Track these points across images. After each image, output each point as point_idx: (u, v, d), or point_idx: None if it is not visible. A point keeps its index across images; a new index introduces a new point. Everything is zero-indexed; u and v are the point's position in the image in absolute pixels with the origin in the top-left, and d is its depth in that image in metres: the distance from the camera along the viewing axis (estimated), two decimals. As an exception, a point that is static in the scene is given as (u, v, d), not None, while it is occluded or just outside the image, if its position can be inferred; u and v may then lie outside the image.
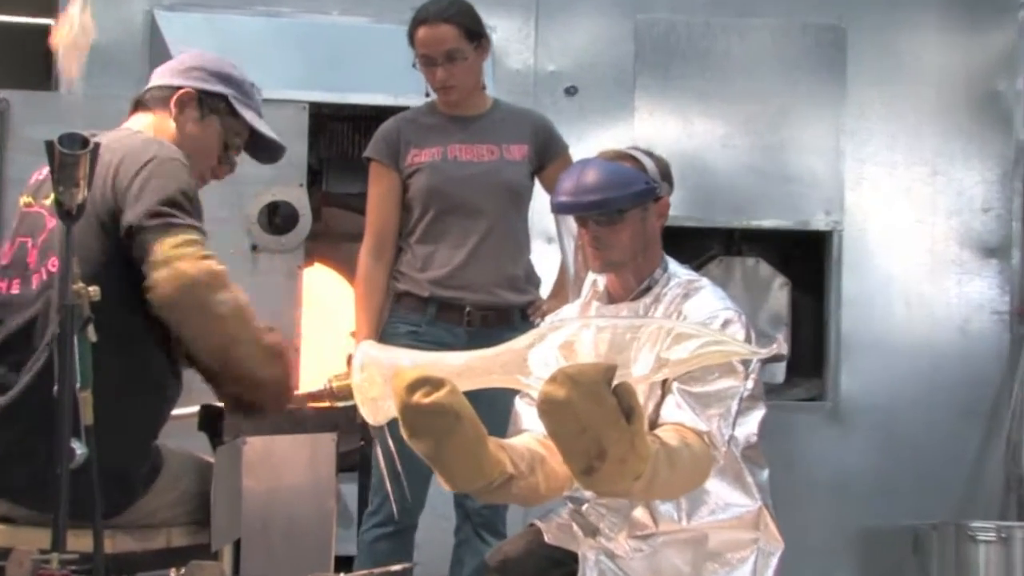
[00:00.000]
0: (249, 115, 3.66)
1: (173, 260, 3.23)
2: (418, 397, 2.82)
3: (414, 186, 4.67)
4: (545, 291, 4.86)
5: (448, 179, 4.64)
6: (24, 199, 3.59)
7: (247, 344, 3.34)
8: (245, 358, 3.35)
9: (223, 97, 3.63)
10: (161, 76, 3.68)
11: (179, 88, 3.61)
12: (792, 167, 6.42)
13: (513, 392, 3.45)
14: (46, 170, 3.50)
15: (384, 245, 4.71)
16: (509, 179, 4.68)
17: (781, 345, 2.98)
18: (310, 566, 3.56)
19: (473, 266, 4.63)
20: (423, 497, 4.67)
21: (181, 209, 3.30)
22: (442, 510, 4.82)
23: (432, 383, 2.84)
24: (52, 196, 3.42)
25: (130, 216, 3.29)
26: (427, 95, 4.77)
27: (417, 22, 4.64)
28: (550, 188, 4.68)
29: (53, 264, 3.37)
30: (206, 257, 3.29)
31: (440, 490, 4.70)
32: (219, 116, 3.64)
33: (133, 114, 3.68)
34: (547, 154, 4.75)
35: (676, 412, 3.25)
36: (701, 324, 3.26)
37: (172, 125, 3.60)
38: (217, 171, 3.69)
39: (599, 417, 2.75)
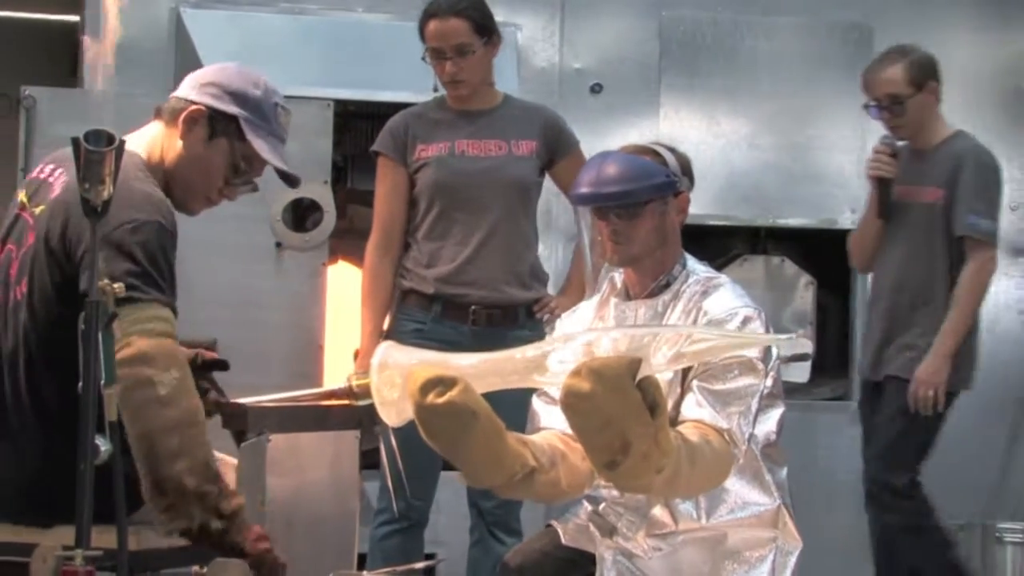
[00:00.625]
0: (259, 142, 3.50)
1: (130, 335, 3.09)
2: (432, 397, 2.83)
3: (420, 181, 4.67)
4: (553, 288, 4.87)
5: (454, 174, 4.64)
6: (20, 196, 3.51)
7: (175, 438, 3.12)
8: (168, 455, 3.12)
9: (235, 119, 3.50)
10: (184, 86, 3.56)
11: (191, 104, 3.50)
12: (818, 165, 6.40)
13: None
14: (48, 168, 3.50)
15: (391, 240, 4.71)
16: (516, 175, 4.68)
17: (801, 340, 2.99)
18: (333, 563, 3.56)
19: (479, 262, 4.63)
20: (431, 494, 4.67)
21: (147, 280, 3.19)
22: (464, 509, 4.82)
23: (445, 382, 2.84)
24: (41, 207, 3.40)
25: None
26: (435, 90, 4.78)
27: (428, 15, 4.63)
28: (561, 183, 4.70)
29: (22, 289, 3.35)
30: (164, 334, 3.16)
31: (459, 488, 4.72)
32: (228, 138, 3.50)
33: (154, 120, 3.59)
34: (557, 149, 4.74)
35: (696, 410, 3.24)
36: (719, 326, 3.26)
37: (179, 144, 3.49)
38: (227, 192, 3.56)
39: (623, 411, 2.74)
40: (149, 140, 3.54)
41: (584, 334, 3.00)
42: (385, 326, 4.72)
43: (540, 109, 4.89)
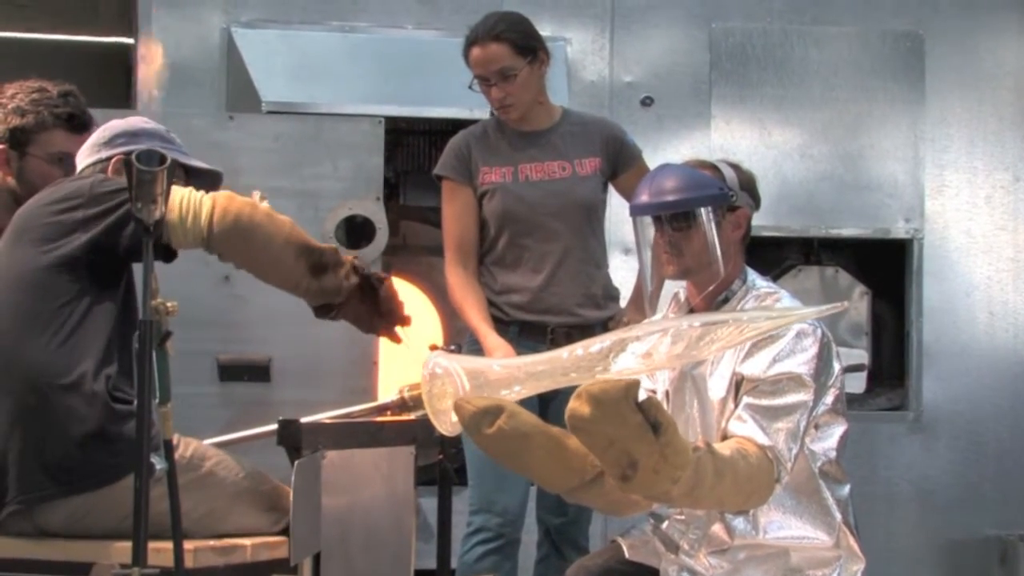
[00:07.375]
0: (179, 158, 3.71)
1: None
2: (484, 430, 2.99)
3: (487, 208, 4.64)
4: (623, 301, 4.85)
5: (520, 201, 4.61)
6: None
7: (298, 229, 3.63)
8: (309, 239, 3.64)
9: None
10: (87, 156, 3.74)
11: (111, 158, 3.67)
12: (871, 175, 6.37)
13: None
14: None
15: (467, 256, 4.67)
16: (582, 197, 4.65)
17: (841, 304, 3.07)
18: (389, 579, 3.57)
19: (552, 289, 4.61)
20: (524, 507, 4.61)
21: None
22: (530, 524, 4.79)
23: (492, 412, 2.98)
24: None
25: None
26: (492, 113, 4.75)
27: (469, 42, 4.61)
28: (625, 194, 4.67)
29: None
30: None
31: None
32: None
33: None
34: (619, 162, 4.71)
35: (740, 426, 3.25)
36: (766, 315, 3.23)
37: None
38: None
39: (624, 433, 2.87)
40: None
41: (647, 337, 3.02)
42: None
43: (600, 123, 4.84)
